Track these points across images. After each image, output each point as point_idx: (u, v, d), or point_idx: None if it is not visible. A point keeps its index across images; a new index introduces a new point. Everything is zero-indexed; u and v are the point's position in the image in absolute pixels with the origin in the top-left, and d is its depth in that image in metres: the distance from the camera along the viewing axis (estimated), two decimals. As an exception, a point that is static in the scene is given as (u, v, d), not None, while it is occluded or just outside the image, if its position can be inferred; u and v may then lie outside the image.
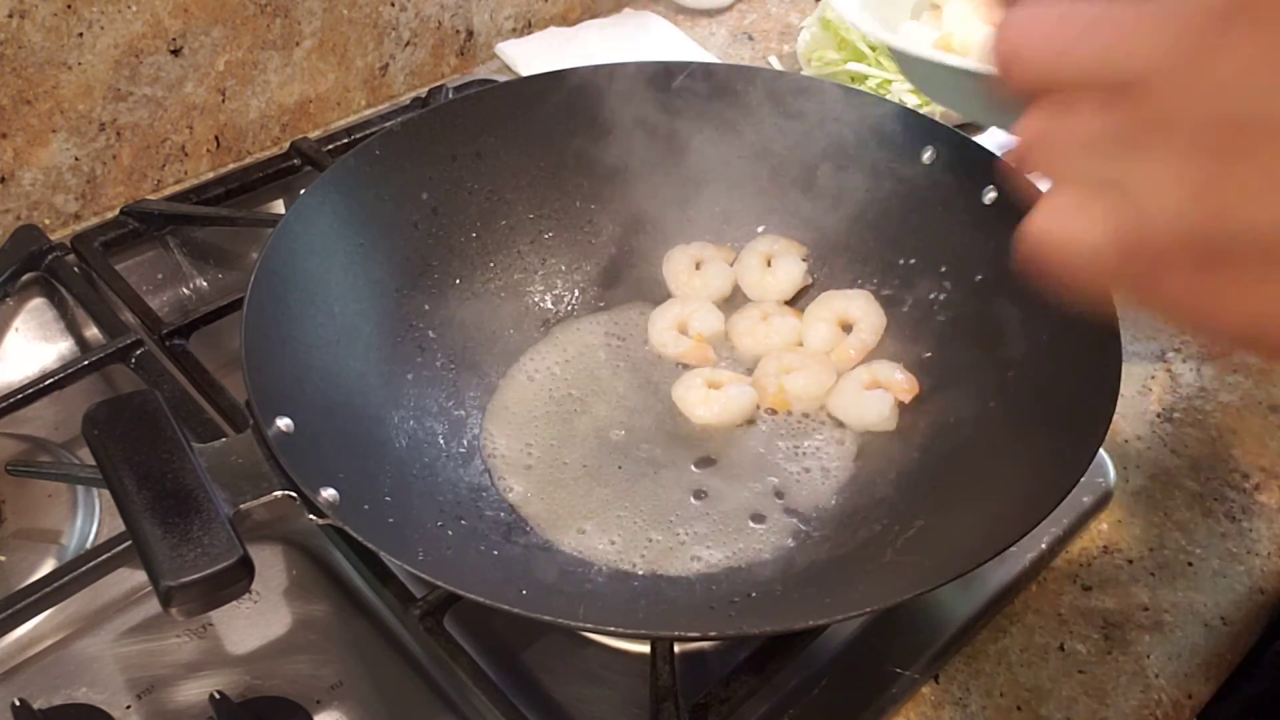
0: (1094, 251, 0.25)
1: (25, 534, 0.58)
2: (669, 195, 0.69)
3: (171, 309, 0.74)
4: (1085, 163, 0.25)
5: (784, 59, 0.99)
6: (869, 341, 0.63)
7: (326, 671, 0.52)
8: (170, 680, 0.51)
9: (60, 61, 0.71)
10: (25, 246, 0.71)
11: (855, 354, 0.63)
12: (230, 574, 0.41)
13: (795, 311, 0.66)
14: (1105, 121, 0.24)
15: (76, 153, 0.74)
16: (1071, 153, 0.25)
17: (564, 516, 0.56)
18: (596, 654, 0.53)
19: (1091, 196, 0.25)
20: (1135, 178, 0.24)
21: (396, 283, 0.62)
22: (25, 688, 0.50)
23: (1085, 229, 0.25)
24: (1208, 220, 0.23)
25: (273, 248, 0.55)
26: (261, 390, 0.48)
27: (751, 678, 0.48)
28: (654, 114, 0.67)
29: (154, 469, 0.43)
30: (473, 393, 0.63)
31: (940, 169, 0.62)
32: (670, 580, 0.53)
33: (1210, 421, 0.66)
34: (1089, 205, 0.25)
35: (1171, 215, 0.23)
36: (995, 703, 0.51)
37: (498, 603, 0.42)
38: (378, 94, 0.91)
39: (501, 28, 0.98)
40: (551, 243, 0.69)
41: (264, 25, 0.80)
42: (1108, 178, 0.24)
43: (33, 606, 0.52)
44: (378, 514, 0.49)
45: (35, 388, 0.62)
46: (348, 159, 0.61)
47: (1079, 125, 0.25)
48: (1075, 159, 0.25)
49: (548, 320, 0.68)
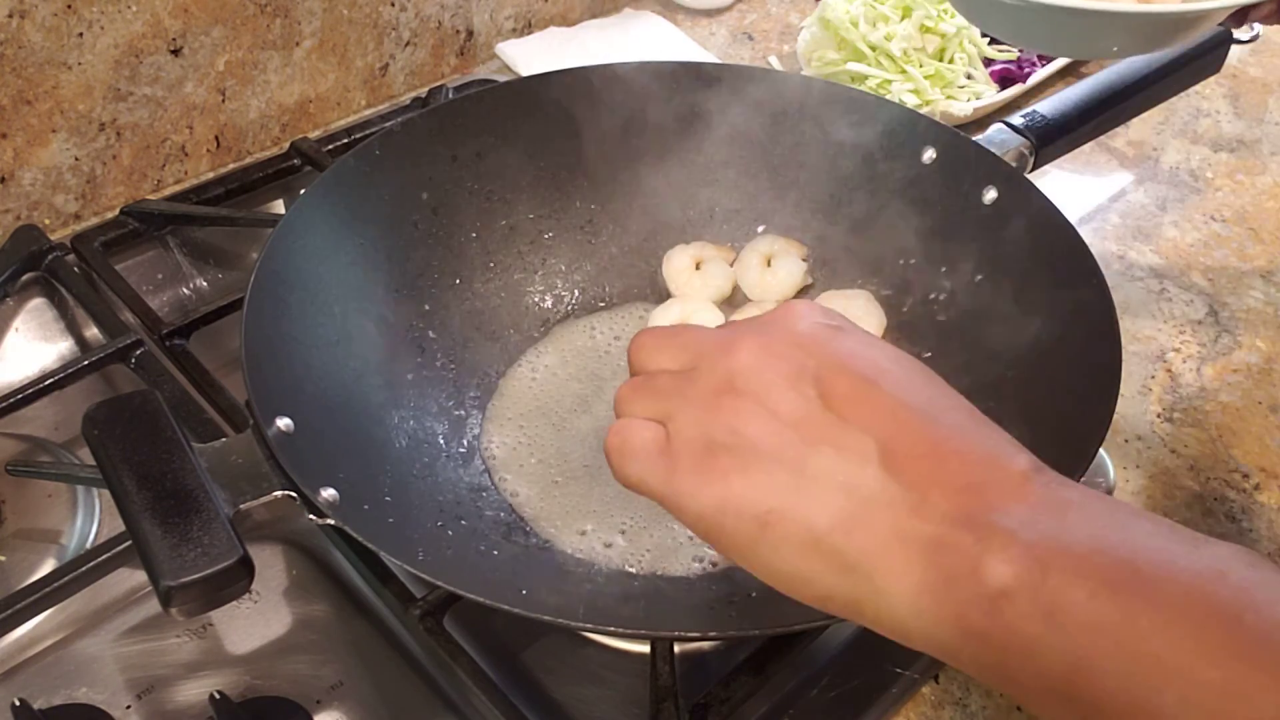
0: (641, 450, 0.39)
1: (25, 534, 0.58)
2: (669, 195, 0.69)
3: (171, 309, 0.74)
4: (649, 403, 0.40)
5: (784, 59, 0.99)
6: (869, 341, 0.63)
7: (326, 671, 0.52)
8: (170, 680, 0.51)
9: (60, 61, 0.71)
10: (25, 246, 0.71)
11: (855, 354, 0.63)
12: (230, 574, 0.41)
13: (795, 311, 0.66)
14: (666, 385, 0.40)
15: (76, 153, 0.74)
16: (643, 398, 0.40)
17: (564, 516, 0.56)
18: (596, 654, 0.53)
19: (644, 422, 0.39)
20: (673, 411, 0.39)
21: (396, 283, 0.62)
22: (25, 688, 0.50)
23: (639, 439, 0.39)
24: (710, 429, 0.37)
25: (273, 248, 0.55)
26: (261, 390, 0.48)
27: (751, 678, 0.48)
28: (654, 114, 0.67)
29: (154, 469, 0.43)
30: (473, 393, 0.63)
31: (940, 169, 0.63)
32: (670, 580, 0.53)
33: (1210, 421, 0.66)
34: (642, 426, 0.39)
35: (686, 427, 0.38)
36: (995, 702, 0.51)
37: (498, 603, 0.42)
38: (378, 94, 0.91)
39: (501, 28, 0.98)
40: (551, 243, 0.69)
41: (264, 25, 0.80)
42: (658, 412, 0.39)
43: (33, 606, 0.52)
44: (378, 514, 0.49)
45: (35, 388, 0.62)
46: (348, 159, 0.61)
47: (652, 385, 0.40)
48: (644, 401, 0.40)
49: (548, 320, 0.68)
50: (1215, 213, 0.83)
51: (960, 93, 0.88)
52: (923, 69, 0.88)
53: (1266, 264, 0.78)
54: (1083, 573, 0.30)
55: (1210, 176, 0.87)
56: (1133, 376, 0.68)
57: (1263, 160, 0.89)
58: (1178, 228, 0.81)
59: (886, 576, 0.33)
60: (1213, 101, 0.95)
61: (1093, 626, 0.29)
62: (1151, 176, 0.87)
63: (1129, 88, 0.69)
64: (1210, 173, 0.87)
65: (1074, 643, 0.29)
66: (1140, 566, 0.30)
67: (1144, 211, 0.83)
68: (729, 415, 0.37)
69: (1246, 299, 0.75)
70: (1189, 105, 0.94)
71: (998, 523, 0.32)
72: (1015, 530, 0.31)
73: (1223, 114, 0.94)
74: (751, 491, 0.36)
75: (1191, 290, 0.76)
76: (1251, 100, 0.96)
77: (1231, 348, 0.71)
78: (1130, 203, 0.84)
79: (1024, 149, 0.64)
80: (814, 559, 0.35)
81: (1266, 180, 0.86)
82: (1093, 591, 0.29)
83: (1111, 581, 0.29)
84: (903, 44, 0.88)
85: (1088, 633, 0.29)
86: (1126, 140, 0.90)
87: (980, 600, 0.31)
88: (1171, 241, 0.80)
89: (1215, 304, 0.75)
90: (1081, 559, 0.30)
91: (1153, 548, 0.30)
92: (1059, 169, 0.82)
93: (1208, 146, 0.90)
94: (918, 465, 0.34)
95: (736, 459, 0.36)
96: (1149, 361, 0.70)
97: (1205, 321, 0.73)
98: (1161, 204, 0.84)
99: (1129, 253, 0.79)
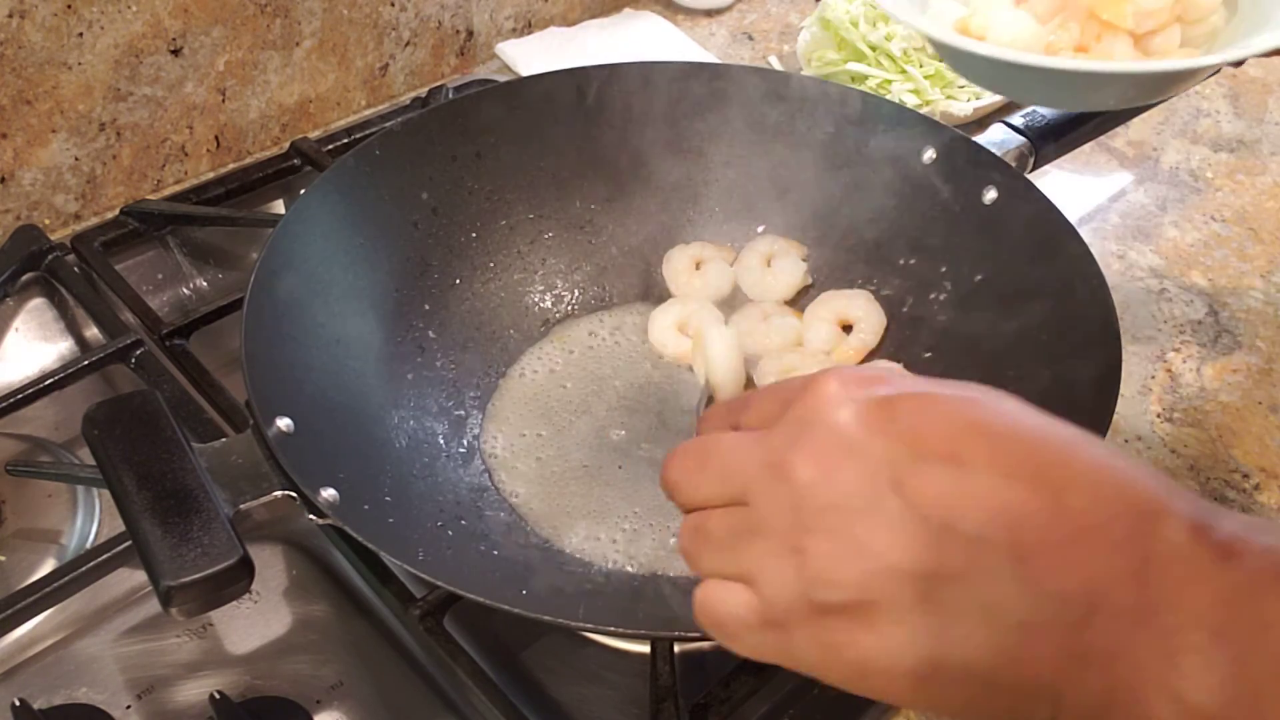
0: (739, 624, 0.33)
1: (25, 534, 0.58)
2: (669, 195, 0.69)
3: (171, 309, 0.74)
4: (719, 560, 0.34)
5: (784, 59, 0.99)
6: (869, 341, 0.63)
7: (326, 671, 0.52)
8: (170, 680, 0.51)
9: (60, 61, 0.71)
10: (25, 246, 0.71)
11: (855, 354, 0.63)
12: (230, 574, 0.41)
13: (795, 311, 0.66)
14: (725, 527, 0.34)
15: (76, 153, 0.74)
16: (710, 554, 0.34)
17: (564, 516, 0.56)
18: (596, 654, 0.53)
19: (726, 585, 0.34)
20: (752, 568, 0.32)
21: (396, 283, 0.62)
22: (25, 688, 0.50)
23: (728, 610, 0.33)
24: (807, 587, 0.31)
25: (273, 248, 0.55)
26: (261, 390, 0.48)
27: (751, 678, 0.48)
28: (654, 114, 0.67)
29: (154, 469, 0.43)
30: (473, 393, 0.63)
31: (940, 169, 0.63)
32: (670, 580, 0.53)
33: (1210, 421, 0.66)
34: (727, 592, 0.33)
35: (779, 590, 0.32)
36: (995, 703, 0.51)
37: (498, 603, 0.42)
38: (378, 94, 0.91)
39: (501, 28, 0.98)
40: (551, 243, 0.69)
41: (264, 25, 0.80)
42: (736, 570, 0.33)
43: (33, 606, 0.52)
44: (378, 514, 0.49)
45: (35, 388, 0.62)
46: (348, 159, 0.61)
47: (709, 532, 0.34)
48: (713, 558, 0.34)
49: (548, 320, 0.68)
50: (1215, 213, 0.83)
51: (960, 93, 0.88)
52: (923, 69, 0.88)
53: (1266, 264, 0.78)
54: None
55: (1210, 176, 0.87)
56: (1133, 376, 0.68)
57: (1263, 160, 0.89)
58: (1178, 228, 0.81)
59: (1076, 691, 0.29)
60: (1213, 101, 0.95)
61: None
62: (1151, 176, 0.87)
63: (1129, 88, 0.69)
64: (1210, 173, 0.87)
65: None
66: None
67: (1144, 211, 0.83)
68: (819, 563, 0.31)
69: (1246, 299, 0.75)
70: (1189, 105, 0.94)
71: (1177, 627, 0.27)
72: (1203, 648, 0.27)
73: (1223, 114, 0.94)
74: (888, 650, 0.30)
75: (1191, 290, 0.76)
76: (1251, 100, 0.96)
77: (1231, 348, 0.71)
78: (1130, 203, 0.84)
79: (1024, 149, 0.64)
80: (993, 695, 0.30)
81: (1266, 180, 0.86)
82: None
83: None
84: (903, 44, 0.88)
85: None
86: (1126, 140, 0.90)
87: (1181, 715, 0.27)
88: (1171, 241, 0.80)
89: (1215, 304, 0.75)
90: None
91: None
92: (1059, 169, 0.82)
93: (1208, 146, 0.90)
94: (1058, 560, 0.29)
95: (853, 619, 0.31)
96: (1149, 361, 0.70)
97: (1205, 321, 0.73)
98: (1161, 204, 0.84)
99: (1129, 253, 0.79)
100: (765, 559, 0.32)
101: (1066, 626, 0.28)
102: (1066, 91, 0.55)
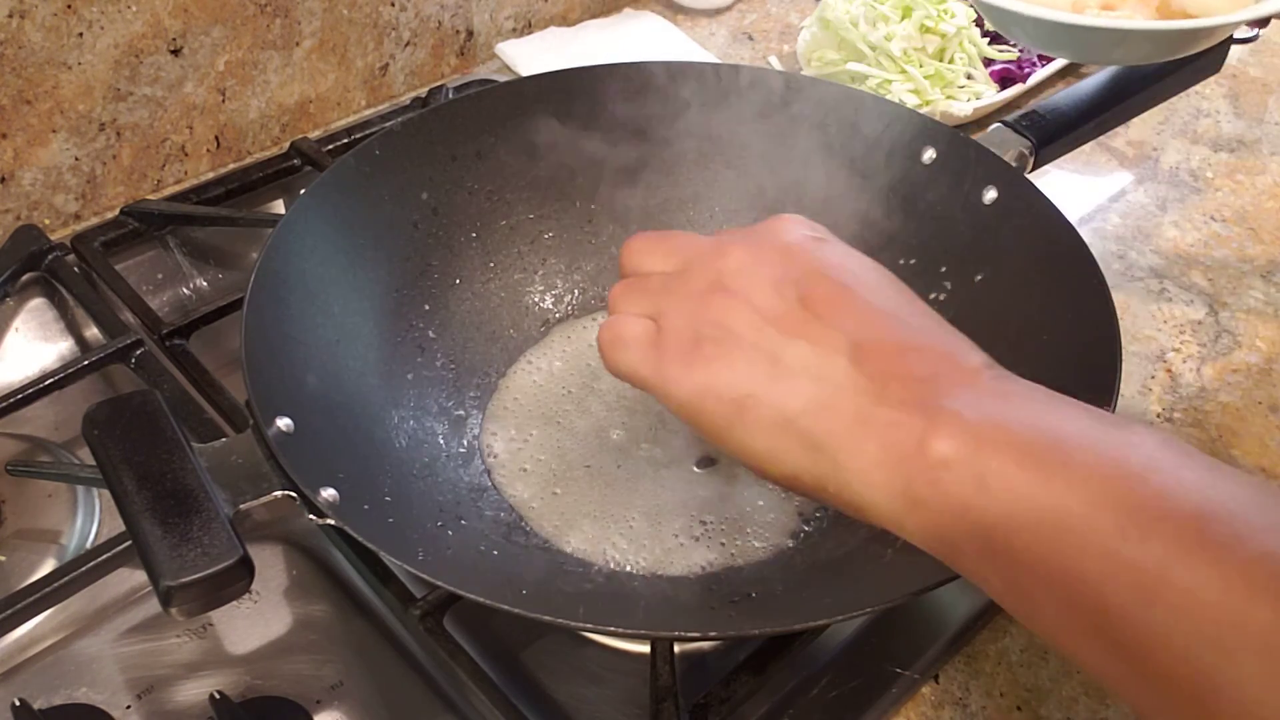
0: (632, 340, 0.43)
1: (25, 534, 0.58)
2: (669, 195, 0.69)
3: (171, 309, 0.74)
4: (641, 301, 0.44)
5: (784, 59, 0.99)
6: (869, 341, 0.63)
7: (327, 671, 0.52)
8: (170, 680, 0.51)
9: (60, 61, 0.71)
10: (25, 246, 0.71)
11: (855, 354, 0.63)
12: (230, 574, 0.41)
13: (795, 311, 0.66)
14: (657, 284, 0.44)
15: (76, 153, 0.74)
16: (635, 296, 0.45)
17: (564, 516, 0.56)
18: (596, 654, 0.53)
19: (635, 317, 0.44)
20: (663, 309, 0.43)
21: (396, 283, 0.62)
22: (25, 688, 0.50)
23: (629, 330, 0.43)
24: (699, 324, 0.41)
25: (273, 248, 0.55)
26: (261, 390, 0.48)
27: (751, 678, 0.48)
28: (654, 114, 0.67)
29: (154, 469, 0.43)
30: (473, 393, 0.63)
31: (940, 169, 0.62)
32: (670, 580, 0.53)
33: (1210, 421, 0.66)
34: (634, 320, 0.44)
35: (674, 321, 0.42)
36: (995, 702, 0.51)
37: (498, 603, 0.42)
38: (378, 94, 0.91)
39: (501, 28, 0.98)
40: (551, 243, 0.69)
41: (264, 25, 0.80)
42: (650, 310, 0.44)
43: (33, 606, 0.52)
44: (378, 514, 0.49)
45: (35, 388, 0.62)
46: (347, 159, 0.61)
47: (644, 285, 0.45)
48: (636, 299, 0.44)
49: (548, 320, 0.68)
50: (1215, 213, 0.83)
51: (960, 93, 0.88)
52: (923, 69, 0.88)
53: (1266, 264, 0.78)
54: (1013, 445, 0.33)
55: (1210, 176, 0.87)
56: (1133, 376, 0.68)
57: (1263, 160, 0.89)
58: (1178, 228, 0.81)
59: (848, 456, 0.37)
60: (1213, 101, 0.95)
61: (1015, 489, 0.32)
62: (1151, 176, 0.87)
63: (1129, 87, 0.69)
64: (1210, 173, 0.87)
65: (999, 503, 0.33)
66: (1064, 440, 0.33)
67: (1144, 211, 0.83)
68: (716, 310, 0.41)
69: (1246, 299, 0.75)
70: (1189, 105, 0.94)
71: (945, 406, 0.35)
72: (959, 411, 0.35)
73: (1223, 114, 0.94)
74: (732, 378, 0.40)
75: (1191, 290, 0.76)
76: (1251, 100, 0.96)
77: (1231, 348, 0.71)
78: (1130, 203, 0.84)
79: (1024, 149, 0.64)
80: (785, 439, 0.39)
81: (1266, 180, 0.86)
82: (1019, 461, 0.33)
83: (1037, 452, 0.33)
84: (903, 44, 0.88)
85: (1011, 494, 0.32)
86: (1126, 140, 0.90)
87: (924, 472, 0.35)
88: (1171, 241, 0.80)
89: (1215, 304, 0.75)
90: (1014, 435, 0.34)
91: (1080, 427, 0.34)
92: (1059, 169, 0.82)
93: (1208, 146, 0.90)
94: (883, 360, 0.38)
95: (720, 349, 0.40)
96: (1149, 361, 0.70)
97: (1205, 321, 0.73)
98: (1161, 204, 0.84)
99: (1129, 253, 0.79)
100: (676, 303, 0.42)
101: (867, 397, 0.37)
102: (1094, 47, 0.63)
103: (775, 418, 0.39)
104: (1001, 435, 0.34)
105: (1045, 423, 0.34)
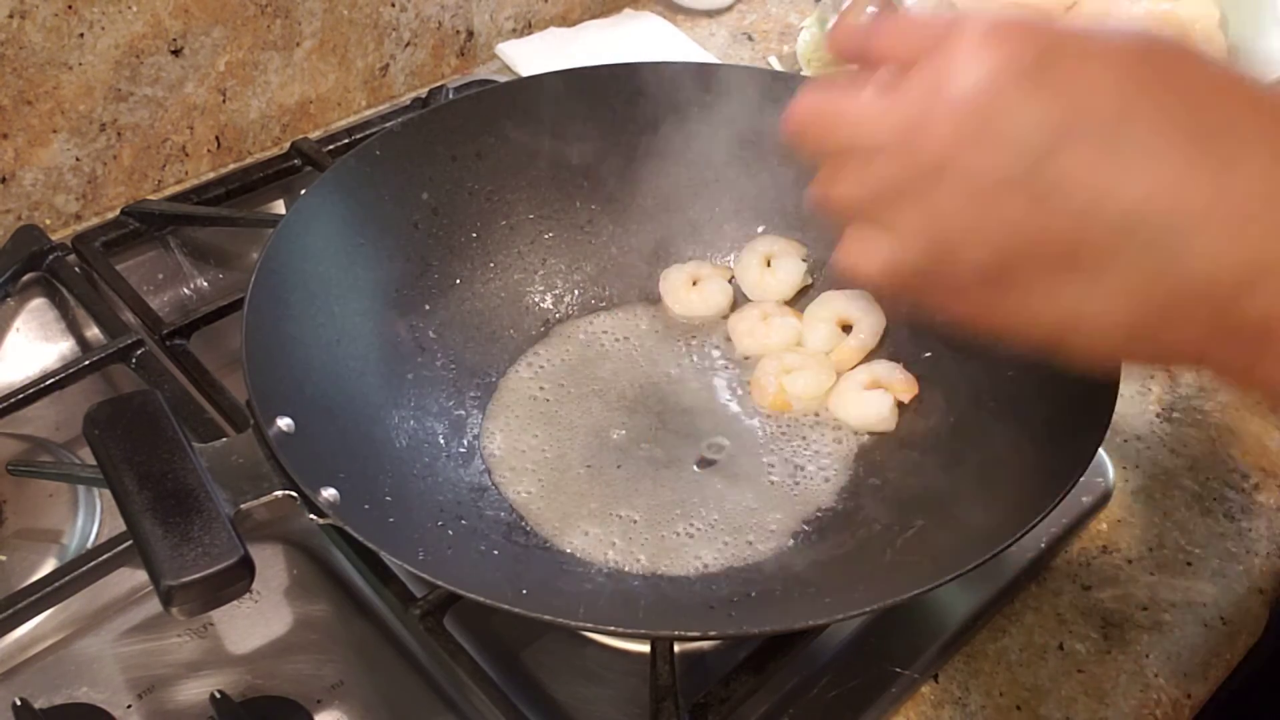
0: (882, 274, 0.35)
1: (26, 534, 0.58)
2: (669, 195, 0.69)
3: (172, 309, 0.74)
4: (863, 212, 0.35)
5: (784, 59, 0.99)
6: (868, 342, 0.63)
7: (327, 671, 0.52)
8: (171, 680, 0.51)
9: (61, 62, 0.71)
10: (26, 246, 0.71)
11: (855, 354, 0.63)
12: (231, 574, 0.41)
13: (795, 312, 0.66)
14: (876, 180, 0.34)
15: (77, 153, 0.75)
16: (852, 205, 0.35)
17: (564, 516, 0.56)
18: (596, 654, 0.53)
19: (868, 237, 0.35)
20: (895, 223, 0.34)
21: (397, 282, 0.62)
22: (26, 687, 0.50)
23: (870, 261, 0.35)
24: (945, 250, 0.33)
25: (273, 248, 0.55)
26: (262, 390, 0.48)
27: (751, 678, 0.48)
28: (654, 114, 0.67)
29: (154, 469, 0.43)
30: (473, 393, 0.63)
31: (940, 169, 0.62)
32: (670, 580, 0.53)
33: (1210, 421, 0.66)
34: (869, 243, 0.35)
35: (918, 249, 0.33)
36: (995, 702, 0.51)
37: (498, 603, 0.42)
38: (378, 94, 0.91)
39: (501, 28, 0.98)
40: (551, 243, 0.69)
41: (264, 26, 0.80)
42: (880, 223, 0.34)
43: (33, 606, 0.52)
44: (378, 514, 0.49)
45: (36, 388, 0.62)
46: (348, 159, 0.61)
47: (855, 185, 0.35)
48: (856, 211, 0.35)
49: (548, 320, 0.68)
50: (1215, 213, 0.83)
51: (960, 93, 0.88)
52: (923, 69, 0.88)
53: (1266, 264, 0.78)
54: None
55: (1210, 176, 0.87)
56: (1133, 376, 0.68)
57: (1262, 160, 0.88)
58: (1177, 228, 0.81)
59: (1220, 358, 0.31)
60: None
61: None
62: (1151, 176, 0.87)
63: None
64: (1210, 173, 0.87)
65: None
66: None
67: (1144, 211, 0.83)
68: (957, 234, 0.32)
69: (1246, 299, 0.75)
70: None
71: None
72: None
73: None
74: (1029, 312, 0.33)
75: (1191, 290, 0.76)
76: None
77: (1231, 348, 0.71)
78: (1130, 203, 0.84)
79: (1024, 149, 0.64)
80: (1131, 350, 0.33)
81: (1266, 180, 0.86)
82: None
83: None
84: (903, 44, 0.88)
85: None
86: (1126, 140, 0.90)
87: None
88: (1171, 241, 0.80)
89: (1215, 304, 0.74)
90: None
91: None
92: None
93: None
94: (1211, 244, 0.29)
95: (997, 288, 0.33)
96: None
97: (1205, 321, 0.73)
98: (1161, 204, 0.84)
99: (1129, 253, 0.79)
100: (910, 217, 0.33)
101: (1217, 303, 0.28)
102: None
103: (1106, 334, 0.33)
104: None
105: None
